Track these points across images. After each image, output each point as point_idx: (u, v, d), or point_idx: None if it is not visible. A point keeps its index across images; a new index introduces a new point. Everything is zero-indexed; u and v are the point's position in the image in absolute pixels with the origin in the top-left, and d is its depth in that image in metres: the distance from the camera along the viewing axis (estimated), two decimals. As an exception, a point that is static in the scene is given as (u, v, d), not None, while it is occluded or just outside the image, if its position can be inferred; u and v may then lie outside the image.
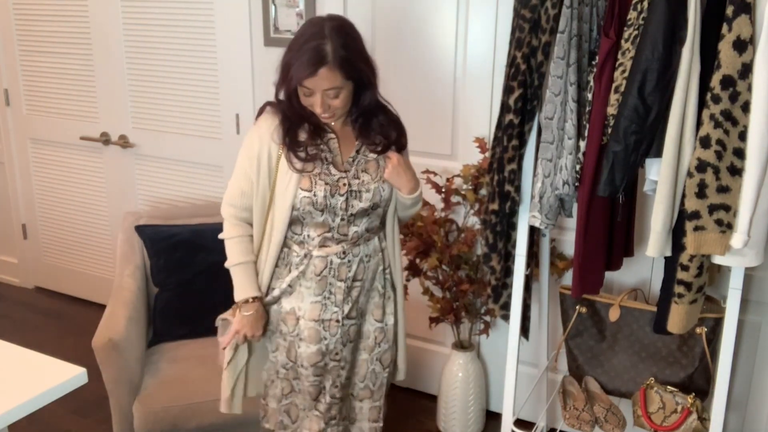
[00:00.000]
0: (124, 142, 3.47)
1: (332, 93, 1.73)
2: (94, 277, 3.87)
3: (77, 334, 3.57)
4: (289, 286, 1.90)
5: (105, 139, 3.52)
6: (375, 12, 2.72)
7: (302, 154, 1.80)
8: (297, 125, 1.81)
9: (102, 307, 2.78)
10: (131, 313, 2.47)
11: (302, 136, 1.81)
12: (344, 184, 1.83)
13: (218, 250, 2.73)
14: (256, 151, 1.82)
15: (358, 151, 1.88)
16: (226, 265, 1.90)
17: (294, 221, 1.85)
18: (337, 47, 1.68)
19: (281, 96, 1.82)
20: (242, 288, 1.89)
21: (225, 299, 2.69)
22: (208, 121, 3.24)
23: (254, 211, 1.87)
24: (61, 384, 1.58)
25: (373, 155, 1.88)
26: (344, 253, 1.87)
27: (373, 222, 1.91)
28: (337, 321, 1.90)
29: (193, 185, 3.39)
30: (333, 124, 1.86)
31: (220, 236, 1.91)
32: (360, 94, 1.81)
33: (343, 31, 1.71)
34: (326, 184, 1.81)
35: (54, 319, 3.77)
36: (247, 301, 1.89)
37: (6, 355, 1.71)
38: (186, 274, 2.71)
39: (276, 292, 1.91)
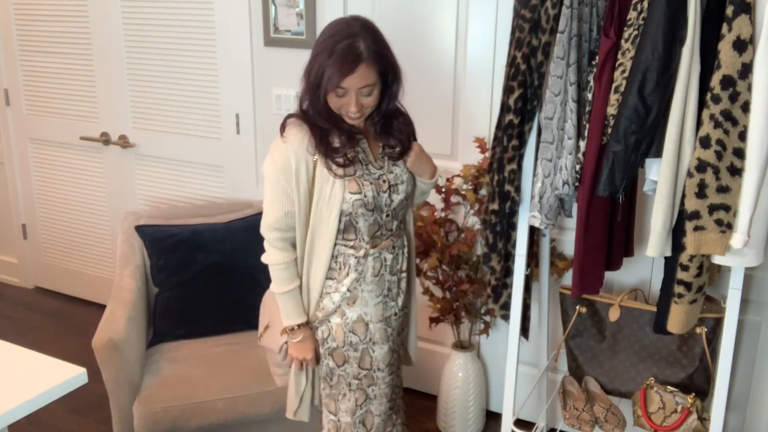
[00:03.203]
0: (124, 142, 3.47)
1: (366, 91, 1.72)
2: (94, 277, 3.87)
3: (77, 334, 3.57)
4: (349, 291, 1.86)
5: (105, 139, 3.53)
6: (375, 12, 2.72)
7: (341, 160, 1.77)
8: (327, 132, 1.78)
9: (102, 307, 2.78)
10: (131, 313, 2.46)
11: (336, 142, 1.79)
12: (384, 181, 1.85)
13: (218, 250, 2.76)
14: (293, 167, 1.76)
15: (383, 148, 1.89)
16: (274, 290, 1.88)
17: (346, 227, 1.83)
18: (370, 43, 1.68)
19: (305, 105, 1.78)
20: (289, 315, 1.88)
21: (225, 299, 2.71)
22: (208, 121, 3.24)
23: (297, 229, 1.83)
24: (61, 384, 1.58)
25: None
26: (393, 247, 1.91)
27: (406, 212, 1.96)
28: (395, 314, 1.94)
29: (193, 185, 3.39)
30: (359, 124, 1.85)
31: (265, 261, 1.86)
32: (385, 92, 1.80)
33: (371, 27, 1.73)
34: (371, 183, 1.82)
35: (54, 319, 3.77)
36: (293, 329, 1.88)
37: (6, 355, 1.71)
38: (186, 274, 2.71)
39: (336, 298, 1.86)
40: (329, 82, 1.68)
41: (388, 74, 1.77)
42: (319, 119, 1.77)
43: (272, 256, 1.84)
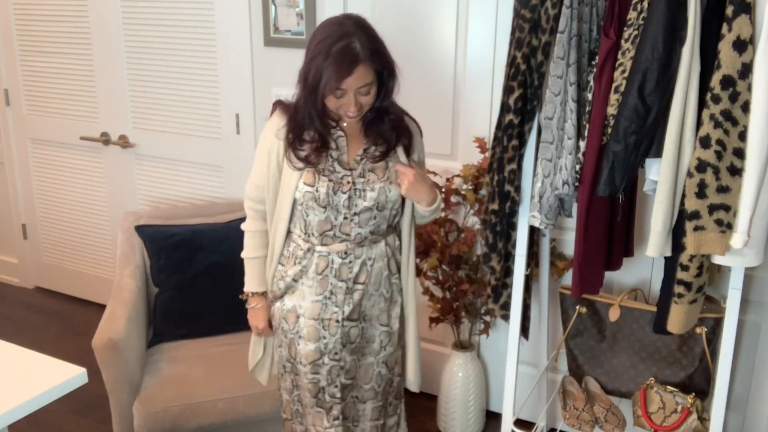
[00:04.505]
0: (124, 142, 3.47)
1: (364, 90, 1.73)
2: (94, 277, 3.87)
3: (77, 334, 3.57)
4: (293, 280, 1.91)
5: (105, 139, 3.53)
6: (374, 12, 2.71)
7: (302, 154, 1.80)
8: (303, 128, 1.81)
9: (102, 307, 2.78)
10: (131, 313, 2.47)
11: (307, 136, 1.81)
12: (348, 182, 1.82)
13: (218, 250, 2.76)
14: (267, 147, 1.86)
15: (366, 150, 1.86)
16: (242, 255, 2.01)
17: (298, 218, 1.87)
18: (365, 42, 1.69)
19: (299, 104, 1.79)
20: (249, 282, 2.02)
21: (225, 299, 2.71)
22: (208, 121, 3.24)
23: (267, 206, 1.92)
24: (61, 384, 1.58)
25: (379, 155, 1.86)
26: (346, 253, 1.86)
27: (380, 225, 1.88)
28: (337, 321, 1.90)
29: (193, 185, 3.39)
30: (344, 124, 1.85)
31: (242, 227, 2.01)
32: (381, 89, 1.79)
33: (364, 25, 1.73)
34: (329, 180, 1.81)
35: (54, 319, 3.77)
36: (248, 295, 2.02)
37: (6, 355, 1.71)
38: (186, 274, 2.71)
39: (281, 285, 1.94)
40: (327, 85, 1.69)
41: (384, 71, 1.77)
42: (307, 121, 1.78)
43: (245, 223, 2.00)
